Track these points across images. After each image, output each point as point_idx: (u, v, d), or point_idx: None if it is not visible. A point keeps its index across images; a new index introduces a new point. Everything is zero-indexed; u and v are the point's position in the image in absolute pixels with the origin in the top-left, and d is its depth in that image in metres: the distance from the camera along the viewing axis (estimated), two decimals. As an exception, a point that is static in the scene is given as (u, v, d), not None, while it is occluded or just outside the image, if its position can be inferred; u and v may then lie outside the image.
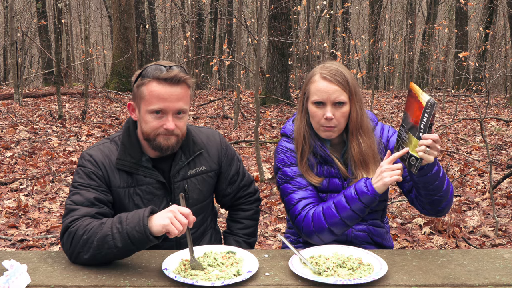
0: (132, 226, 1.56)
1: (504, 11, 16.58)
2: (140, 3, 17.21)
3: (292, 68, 14.28)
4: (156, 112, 1.74)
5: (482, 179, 5.72)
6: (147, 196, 1.84)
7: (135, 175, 1.82)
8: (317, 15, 10.80)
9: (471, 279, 1.54)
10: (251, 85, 21.73)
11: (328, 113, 1.87)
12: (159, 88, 1.72)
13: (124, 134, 1.86)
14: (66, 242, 1.65)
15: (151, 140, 1.78)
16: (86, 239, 1.60)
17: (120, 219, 1.61)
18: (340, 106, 1.88)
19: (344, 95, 1.87)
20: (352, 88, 1.89)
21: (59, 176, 5.56)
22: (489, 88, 11.94)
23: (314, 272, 1.57)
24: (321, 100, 1.88)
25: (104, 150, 1.84)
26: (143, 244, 1.58)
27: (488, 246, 3.80)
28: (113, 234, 1.58)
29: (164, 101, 1.72)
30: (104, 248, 1.58)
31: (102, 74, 28.04)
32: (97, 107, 11.47)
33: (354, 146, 1.92)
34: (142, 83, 1.75)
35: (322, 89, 1.88)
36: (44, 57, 18.55)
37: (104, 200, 1.76)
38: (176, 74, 1.72)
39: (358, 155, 1.92)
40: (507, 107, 12.78)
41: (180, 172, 1.88)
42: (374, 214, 2.04)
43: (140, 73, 1.78)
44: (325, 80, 1.88)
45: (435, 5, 20.70)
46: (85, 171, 1.79)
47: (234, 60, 7.10)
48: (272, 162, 6.46)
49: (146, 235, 1.54)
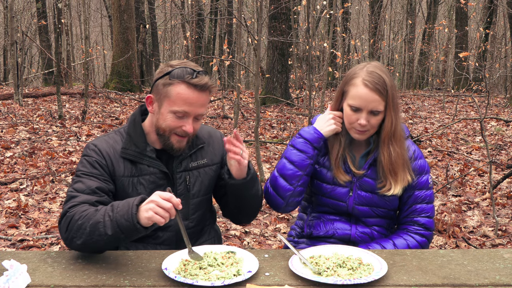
0: (121, 214, 1.58)
1: (504, 11, 16.58)
2: (140, 3, 17.20)
3: (292, 68, 14.27)
4: (179, 113, 1.78)
5: (482, 179, 5.72)
6: (150, 185, 1.86)
7: (139, 165, 1.86)
8: (317, 15, 10.79)
9: (471, 279, 1.54)
10: (251, 85, 21.72)
11: (363, 120, 1.88)
12: (188, 92, 1.77)
13: (130, 125, 1.91)
14: (63, 227, 1.69)
15: (165, 138, 1.83)
16: (80, 224, 1.63)
17: (113, 206, 1.63)
18: (375, 115, 1.89)
19: (381, 105, 1.87)
20: (390, 96, 1.88)
21: (59, 176, 5.55)
22: (489, 88, 11.92)
23: (314, 272, 1.57)
24: (358, 106, 1.88)
25: (109, 140, 1.88)
26: (132, 233, 1.59)
27: (488, 246, 3.80)
28: (105, 221, 1.60)
29: (190, 106, 1.78)
30: (95, 234, 1.61)
31: (102, 74, 28.03)
32: (97, 107, 11.47)
33: (385, 154, 1.93)
34: (170, 83, 1.78)
35: (361, 96, 1.87)
36: (44, 57, 18.56)
37: (105, 189, 1.79)
38: (206, 82, 1.78)
39: (388, 163, 1.92)
40: (507, 107, 12.78)
41: (182, 163, 1.92)
42: (381, 220, 2.05)
43: (168, 72, 1.80)
44: (366, 87, 1.86)
45: (435, 5, 20.70)
46: (89, 160, 1.83)
47: (234, 60, 7.10)
48: (272, 162, 6.46)
49: (134, 224, 1.55)
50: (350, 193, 1.99)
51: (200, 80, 1.77)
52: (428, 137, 8.21)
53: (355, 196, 1.99)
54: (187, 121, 1.80)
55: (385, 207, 2.01)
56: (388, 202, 2.00)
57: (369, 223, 2.03)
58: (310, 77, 7.74)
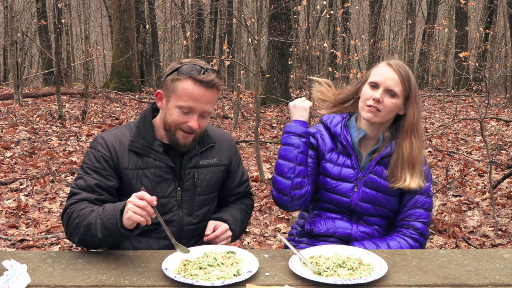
0: (108, 218, 1.66)
1: (504, 11, 16.58)
2: (140, 3, 17.20)
3: (292, 68, 14.28)
4: (184, 108, 1.81)
5: (482, 179, 5.72)
6: (155, 179, 1.89)
7: (145, 158, 1.88)
8: (317, 15, 10.80)
9: (471, 279, 1.54)
10: (251, 85, 21.72)
11: (377, 94, 1.90)
12: (194, 88, 1.80)
13: (140, 119, 1.95)
14: (64, 222, 1.80)
15: (171, 133, 1.86)
16: (77, 223, 1.73)
17: (104, 209, 1.70)
18: (391, 96, 1.91)
19: (399, 87, 1.90)
20: (412, 90, 1.93)
21: (59, 176, 5.55)
22: (489, 88, 11.94)
23: (314, 272, 1.57)
24: (377, 81, 1.93)
25: (117, 133, 1.92)
26: (118, 236, 1.67)
27: (488, 246, 3.80)
28: (96, 223, 1.69)
29: (195, 101, 1.81)
30: (88, 235, 1.71)
31: (102, 74, 28.03)
32: (97, 107, 11.46)
33: (406, 145, 1.94)
34: (178, 79, 1.82)
35: (382, 73, 1.93)
36: (44, 57, 18.55)
37: (105, 187, 1.83)
38: (212, 79, 1.81)
39: (409, 155, 1.93)
40: (507, 107, 12.78)
41: (193, 160, 1.94)
42: (381, 220, 2.05)
43: (177, 68, 1.84)
44: (389, 66, 1.93)
45: (435, 5, 20.69)
46: (94, 154, 1.87)
47: (234, 60, 7.10)
48: (272, 162, 6.46)
49: (118, 228, 1.63)
50: (355, 189, 2.00)
51: (206, 76, 1.80)
52: (428, 137, 8.22)
53: (359, 192, 2.00)
54: (192, 117, 1.83)
55: (387, 207, 2.02)
56: (391, 202, 2.01)
57: (371, 222, 2.03)
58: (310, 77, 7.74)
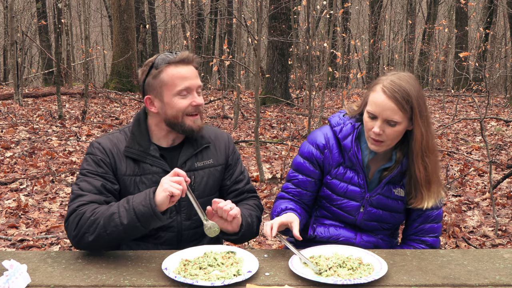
0: (139, 201, 1.65)
1: (504, 11, 16.58)
2: (140, 3, 17.21)
3: (292, 68, 14.27)
4: (182, 92, 1.82)
5: (482, 179, 5.72)
6: (153, 185, 1.86)
7: (142, 164, 1.87)
8: (317, 15, 10.78)
9: (471, 279, 1.54)
10: (251, 85, 21.71)
11: (376, 128, 1.79)
12: (178, 69, 1.83)
13: (134, 124, 1.93)
14: (72, 224, 1.70)
15: (180, 124, 1.86)
16: (94, 220, 1.67)
17: (127, 198, 1.69)
18: (392, 126, 1.80)
19: (398, 115, 1.76)
20: (415, 108, 1.78)
21: (59, 176, 5.55)
22: (489, 88, 11.92)
23: (314, 272, 1.57)
24: (374, 113, 1.80)
25: (112, 139, 1.90)
26: (149, 220, 1.63)
27: (488, 246, 3.80)
28: (120, 212, 1.66)
29: (187, 80, 1.83)
30: (110, 226, 1.65)
31: (102, 74, 28.02)
32: (97, 107, 11.46)
33: (420, 168, 1.84)
34: (159, 72, 1.83)
35: (377, 102, 1.79)
36: (44, 57, 18.54)
37: (110, 189, 1.82)
38: (188, 55, 1.85)
39: (424, 177, 1.85)
40: (507, 107, 12.78)
41: (187, 163, 1.92)
42: (387, 231, 2.04)
43: (150, 66, 1.85)
44: (384, 94, 1.77)
45: (435, 5, 20.69)
46: (93, 159, 1.84)
47: (234, 60, 7.10)
48: (272, 162, 6.46)
49: (152, 208, 1.62)
50: (361, 209, 1.96)
51: (181, 55, 1.84)
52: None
53: (365, 212, 1.96)
54: (193, 96, 1.85)
55: (393, 222, 2.00)
56: (396, 218, 1.99)
57: (375, 233, 2.02)
58: (310, 77, 7.74)
